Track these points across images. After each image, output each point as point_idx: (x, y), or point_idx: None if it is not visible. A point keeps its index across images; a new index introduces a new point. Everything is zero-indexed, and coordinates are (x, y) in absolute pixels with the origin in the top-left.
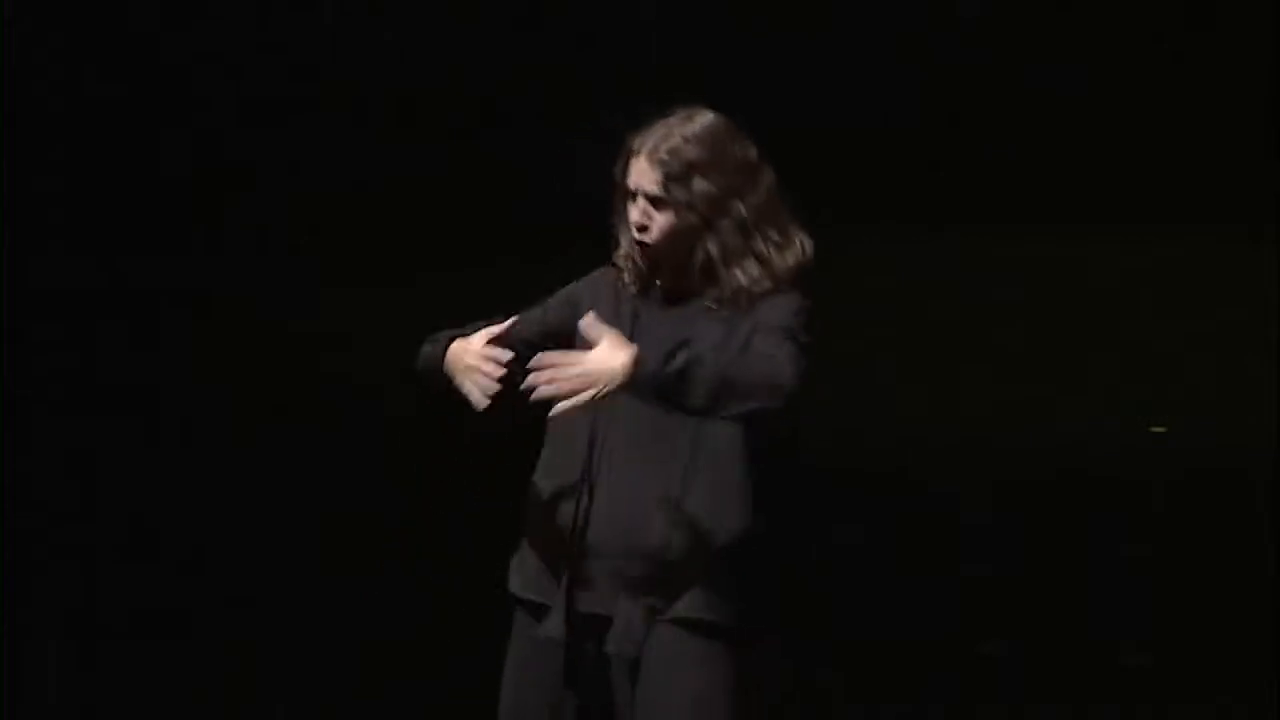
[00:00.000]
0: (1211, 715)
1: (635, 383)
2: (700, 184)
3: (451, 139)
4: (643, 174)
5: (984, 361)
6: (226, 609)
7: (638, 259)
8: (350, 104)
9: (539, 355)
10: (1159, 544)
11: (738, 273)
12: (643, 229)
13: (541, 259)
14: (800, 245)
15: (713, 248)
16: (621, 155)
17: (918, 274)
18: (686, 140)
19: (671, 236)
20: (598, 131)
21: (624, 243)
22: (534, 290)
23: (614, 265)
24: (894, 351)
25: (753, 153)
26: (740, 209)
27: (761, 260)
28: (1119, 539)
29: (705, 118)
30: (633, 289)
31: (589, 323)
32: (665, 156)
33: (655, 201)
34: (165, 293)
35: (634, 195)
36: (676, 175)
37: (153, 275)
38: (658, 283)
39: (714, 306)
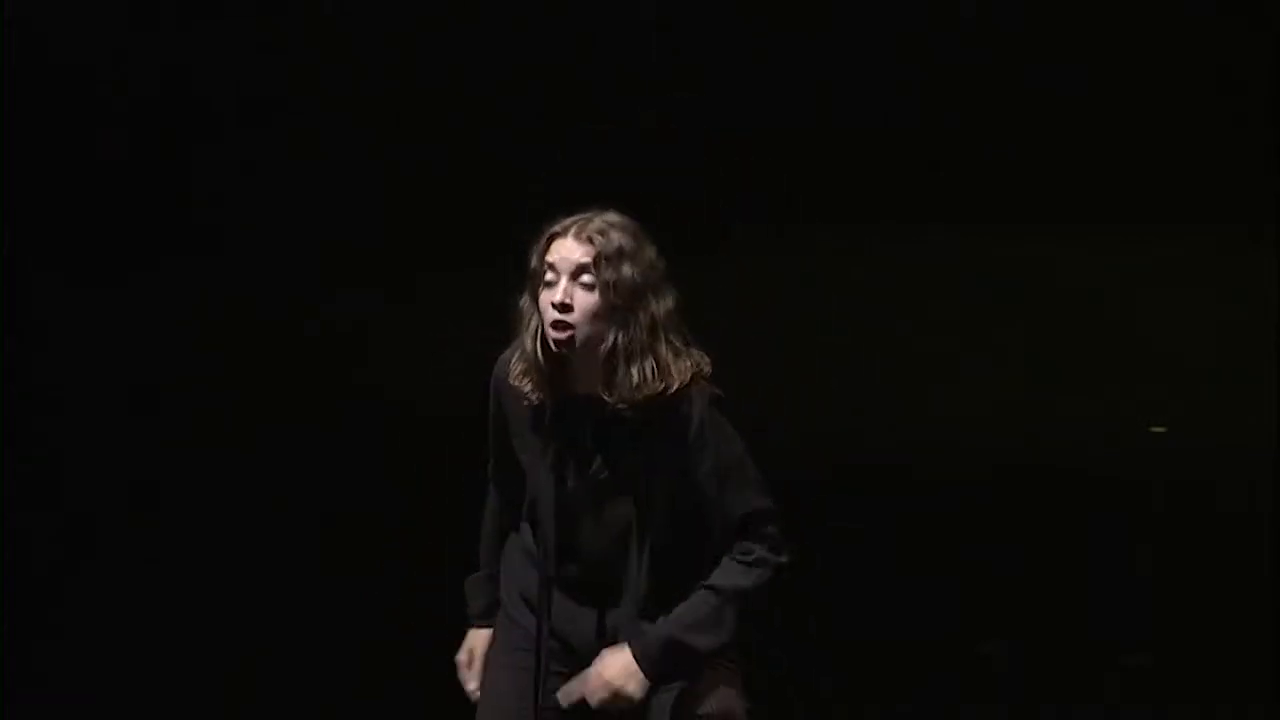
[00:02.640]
0: (1211, 715)
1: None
2: (627, 269)
3: (451, 139)
4: (570, 250)
5: (984, 361)
6: (227, 609)
7: (552, 344)
8: (350, 104)
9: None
10: (1159, 544)
11: (635, 372)
12: (565, 309)
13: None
14: (697, 360)
15: (621, 338)
16: (536, 244)
17: (918, 274)
18: (613, 226)
19: (593, 319)
20: (598, 132)
21: (527, 343)
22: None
23: (504, 378)
24: (893, 351)
25: (662, 261)
26: (654, 306)
27: (659, 364)
28: (1119, 539)
29: (622, 215)
30: (533, 397)
31: (566, 691)
32: (596, 235)
33: (581, 281)
34: (166, 293)
35: (555, 276)
36: (608, 255)
37: (153, 275)
38: (556, 388)
39: (624, 409)
